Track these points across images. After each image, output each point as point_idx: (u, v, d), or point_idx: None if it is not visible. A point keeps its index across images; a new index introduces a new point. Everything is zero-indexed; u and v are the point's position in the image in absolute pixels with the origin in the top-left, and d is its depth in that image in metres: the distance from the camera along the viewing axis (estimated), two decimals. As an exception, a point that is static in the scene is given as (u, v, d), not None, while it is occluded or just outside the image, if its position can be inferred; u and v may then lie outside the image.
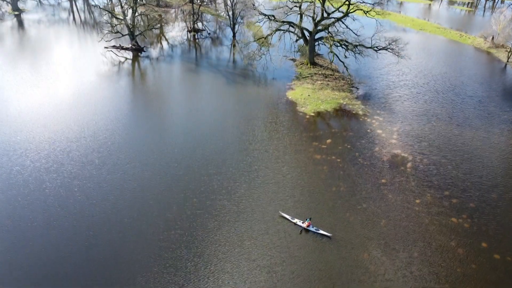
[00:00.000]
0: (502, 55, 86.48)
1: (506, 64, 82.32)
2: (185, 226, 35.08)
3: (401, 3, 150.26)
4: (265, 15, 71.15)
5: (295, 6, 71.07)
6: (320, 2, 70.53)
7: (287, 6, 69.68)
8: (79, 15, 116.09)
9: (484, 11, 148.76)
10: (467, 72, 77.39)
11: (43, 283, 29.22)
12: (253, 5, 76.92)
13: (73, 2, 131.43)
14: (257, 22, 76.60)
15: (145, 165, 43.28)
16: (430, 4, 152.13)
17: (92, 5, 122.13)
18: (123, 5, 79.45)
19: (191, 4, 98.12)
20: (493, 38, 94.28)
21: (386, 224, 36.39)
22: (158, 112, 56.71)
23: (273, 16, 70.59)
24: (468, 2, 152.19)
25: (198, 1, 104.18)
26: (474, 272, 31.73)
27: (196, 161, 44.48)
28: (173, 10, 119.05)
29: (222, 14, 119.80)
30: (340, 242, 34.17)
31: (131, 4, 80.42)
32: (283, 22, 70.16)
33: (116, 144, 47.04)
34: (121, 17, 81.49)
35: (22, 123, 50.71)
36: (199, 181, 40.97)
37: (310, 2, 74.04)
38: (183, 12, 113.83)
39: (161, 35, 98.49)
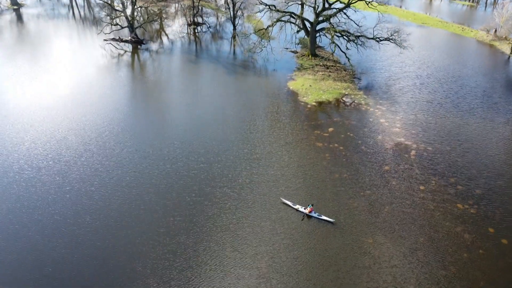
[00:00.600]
0: (505, 47, 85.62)
1: (509, 56, 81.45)
2: (185, 213, 34.26)
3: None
4: (266, 4, 70.21)
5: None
6: (322, -7, 69.69)
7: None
8: (78, 9, 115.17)
9: (486, 6, 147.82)
10: (471, 64, 76.49)
11: (46, 272, 28.42)
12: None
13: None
14: (258, 12, 75.46)
15: (144, 153, 42.49)
16: (431, 1, 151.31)
17: None
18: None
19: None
20: (495, 31, 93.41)
21: (391, 210, 35.54)
22: (157, 102, 55.89)
23: (274, 6, 69.72)
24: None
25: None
26: (481, 257, 30.86)
27: (196, 149, 43.69)
28: (173, 4, 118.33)
29: (223, 8, 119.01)
30: (343, 228, 33.33)
31: (131, -4, 79.62)
32: (284, 12, 69.25)
33: (115, 133, 46.23)
34: (121, 9, 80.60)
35: (21, 115, 49.96)
36: (199, 169, 40.17)
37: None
38: (182, 7, 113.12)
39: (160, 29, 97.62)
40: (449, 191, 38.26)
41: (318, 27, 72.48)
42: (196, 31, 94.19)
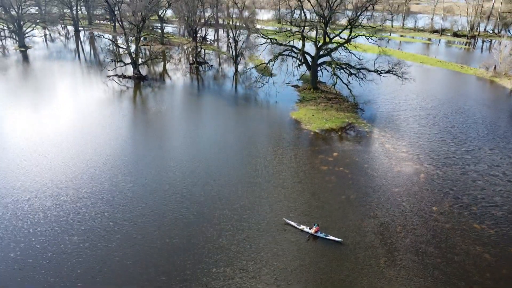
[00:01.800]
0: (506, 82, 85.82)
1: (511, 91, 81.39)
2: (183, 234, 32.01)
3: (400, 42, 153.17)
4: (267, 37, 71.25)
5: (297, 32, 71.41)
6: (322, 28, 70.94)
7: (289, 31, 69.91)
8: (83, 51, 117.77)
9: (482, 50, 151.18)
10: (474, 97, 76.14)
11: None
12: (255, 28, 77.26)
13: (79, 38, 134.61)
14: (259, 45, 76.50)
15: (144, 181, 40.82)
16: (428, 44, 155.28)
17: (97, 35, 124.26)
18: (127, 34, 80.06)
19: (194, 43, 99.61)
20: (495, 67, 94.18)
21: (403, 230, 33.16)
22: (159, 134, 54.92)
23: (275, 39, 70.77)
24: (466, 42, 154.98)
25: (200, 39, 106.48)
26: (505, 277, 28.13)
27: (198, 174, 42.05)
28: (176, 47, 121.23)
29: (224, 50, 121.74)
30: (353, 248, 30.86)
31: (135, 34, 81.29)
32: (285, 46, 70.11)
33: (116, 162, 44.83)
34: (125, 47, 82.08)
35: (24, 150, 48.98)
36: (201, 191, 38.29)
37: (312, 27, 74.49)
38: (185, 49, 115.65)
39: (163, 67, 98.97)
40: (464, 213, 35.96)
41: (319, 61, 73.07)
42: (198, 69, 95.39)
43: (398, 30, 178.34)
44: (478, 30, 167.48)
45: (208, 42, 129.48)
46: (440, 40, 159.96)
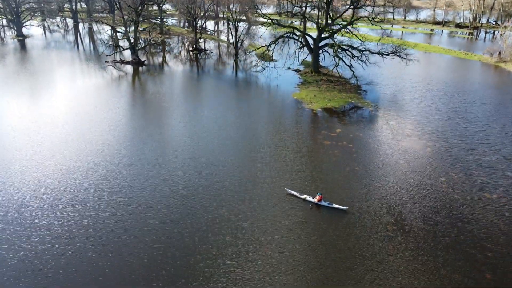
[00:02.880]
0: (511, 67, 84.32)
1: (517, 75, 79.80)
2: (182, 205, 30.68)
3: (401, 33, 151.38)
4: (268, 18, 69.69)
5: (299, 13, 69.91)
6: (324, 9, 69.42)
7: (290, 11, 68.35)
8: (82, 40, 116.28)
9: (485, 40, 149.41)
10: (480, 81, 74.51)
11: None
12: (255, 6, 75.48)
13: (78, 30, 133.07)
14: (260, 25, 74.89)
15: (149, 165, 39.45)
16: (430, 35, 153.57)
17: (95, 20, 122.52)
18: (125, 18, 78.69)
19: (193, 32, 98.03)
20: (500, 53, 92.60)
21: (410, 200, 31.77)
22: (159, 113, 53.55)
23: (277, 20, 69.23)
24: (469, 32, 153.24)
25: (200, 28, 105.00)
26: (520, 243, 26.77)
27: (199, 152, 40.70)
28: (176, 38, 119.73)
29: (224, 38, 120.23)
30: (358, 216, 29.44)
31: (134, 18, 79.86)
32: (287, 27, 68.56)
33: (114, 152, 43.47)
34: (123, 31, 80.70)
35: (19, 136, 47.61)
36: (203, 167, 36.95)
37: (314, 7, 72.95)
38: (184, 40, 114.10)
39: (163, 53, 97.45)
40: (473, 183, 34.52)
41: (321, 44, 71.54)
42: (197, 56, 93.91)
43: (400, 22, 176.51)
44: (480, 22, 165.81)
45: (208, 33, 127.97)
46: (442, 31, 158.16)
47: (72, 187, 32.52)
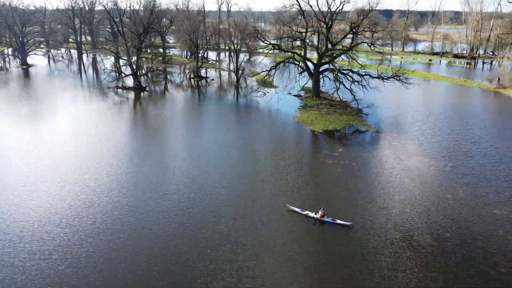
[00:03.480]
0: (511, 93, 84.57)
1: (517, 100, 79.86)
2: (181, 221, 29.55)
3: (400, 63, 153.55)
4: (269, 43, 70.49)
5: (299, 38, 70.84)
6: (324, 34, 70.36)
7: (291, 37, 69.25)
8: (85, 69, 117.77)
9: (483, 69, 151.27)
10: (481, 105, 74.55)
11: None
12: (256, 30, 76.55)
13: (82, 60, 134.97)
14: (261, 49, 75.72)
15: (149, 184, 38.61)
16: (429, 64, 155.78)
17: (99, 48, 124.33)
18: (128, 45, 79.81)
19: (195, 60, 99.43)
20: (499, 79, 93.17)
21: (416, 216, 30.62)
22: (161, 134, 53.15)
23: (277, 45, 70.03)
24: (467, 62, 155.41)
25: (202, 57, 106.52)
26: (535, 259, 25.41)
27: (199, 170, 39.91)
28: (178, 66, 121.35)
29: (225, 66, 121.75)
30: (363, 232, 28.24)
31: (137, 44, 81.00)
32: (288, 51, 69.23)
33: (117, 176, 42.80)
34: (125, 58, 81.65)
35: (17, 155, 47.11)
36: (200, 181, 36.03)
37: (313, 33, 73.94)
38: (186, 68, 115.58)
39: (164, 80, 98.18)
40: (481, 200, 33.41)
41: (321, 69, 72.02)
42: (199, 84, 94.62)
43: (398, 53, 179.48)
44: (478, 53, 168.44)
45: (210, 62, 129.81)
46: (440, 61, 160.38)
47: (66, 203, 31.52)
